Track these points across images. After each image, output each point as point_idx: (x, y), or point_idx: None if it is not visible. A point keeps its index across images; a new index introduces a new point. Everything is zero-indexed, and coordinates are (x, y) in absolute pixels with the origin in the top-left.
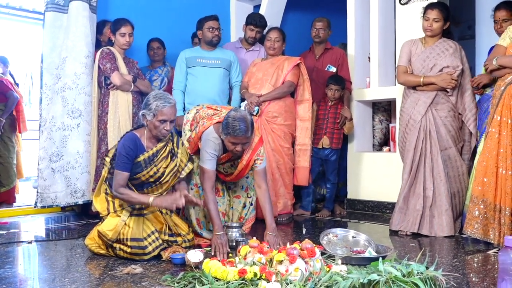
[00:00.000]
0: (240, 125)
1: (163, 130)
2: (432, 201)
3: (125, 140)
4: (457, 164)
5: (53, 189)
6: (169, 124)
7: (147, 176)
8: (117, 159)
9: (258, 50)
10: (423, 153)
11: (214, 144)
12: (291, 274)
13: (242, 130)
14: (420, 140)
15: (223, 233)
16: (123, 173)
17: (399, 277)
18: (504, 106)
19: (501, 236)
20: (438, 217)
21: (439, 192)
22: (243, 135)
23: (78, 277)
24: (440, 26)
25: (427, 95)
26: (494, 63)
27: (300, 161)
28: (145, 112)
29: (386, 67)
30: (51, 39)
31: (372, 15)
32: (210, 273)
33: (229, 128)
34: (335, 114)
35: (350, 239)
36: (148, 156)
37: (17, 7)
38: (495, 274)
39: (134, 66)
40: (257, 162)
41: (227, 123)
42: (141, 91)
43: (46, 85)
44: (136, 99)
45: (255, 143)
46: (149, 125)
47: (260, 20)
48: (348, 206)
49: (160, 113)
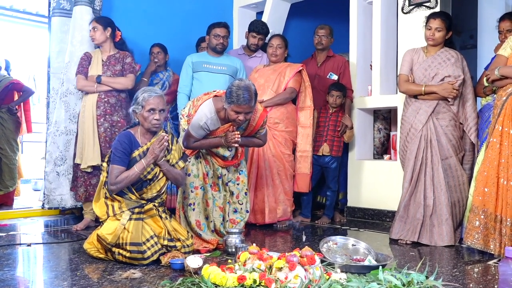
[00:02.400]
0: (244, 93)
1: (153, 120)
2: (432, 210)
3: (120, 137)
4: (457, 174)
5: (59, 192)
6: (158, 113)
7: (145, 173)
8: (113, 155)
9: (260, 56)
10: (423, 162)
11: (207, 117)
12: (291, 281)
13: (246, 99)
14: (421, 149)
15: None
16: (120, 167)
17: (399, 286)
18: (506, 116)
19: (502, 247)
20: (438, 227)
21: (440, 201)
22: (246, 104)
23: (77, 280)
24: (442, 36)
25: (428, 104)
26: (496, 73)
27: (301, 168)
28: (134, 107)
29: (387, 75)
30: (58, 43)
31: (374, 23)
32: (209, 279)
33: (233, 97)
34: (335, 121)
35: (349, 247)
36: (143, 151)
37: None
38: (495, 285)
39: (120, 62)
40: (261, 131)
41: (231, 92)
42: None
43: (54, 89)
44: (104, 100)
45: (260, 112)
46: (140, 119)
47: (262, 27)
48: (348, 214)
49: (147, 103)
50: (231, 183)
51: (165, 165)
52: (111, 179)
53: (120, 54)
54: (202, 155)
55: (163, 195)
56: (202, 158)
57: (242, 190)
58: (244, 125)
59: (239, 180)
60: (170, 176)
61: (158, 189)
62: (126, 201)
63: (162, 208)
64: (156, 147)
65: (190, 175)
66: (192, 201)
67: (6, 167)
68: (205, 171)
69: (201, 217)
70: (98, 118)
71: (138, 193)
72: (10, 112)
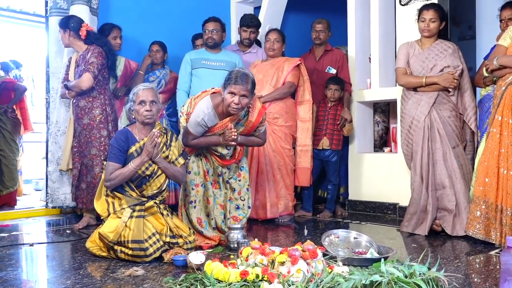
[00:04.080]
0: (241, 75)
1: (145, 112)
2: (448, 199)
3: (117, 134)
4: (465, 163)
5: (62, 191)
6: (149, 105)
7: (143, 169)
8: (109, 152)
9: (255, 52)
10: (430, 151)
11: (204, 113)
12: (293, 276)
13: (243, 80)
14: (426, 138)
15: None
16: (115, 164)
17: (401, 278)
18: (505, 106)
19: (503, 237)
20: (458, 216)
21: (457, 190)
22: (242, 85)
23: (80, 279)
24: (437, 26)
25: (429, 95)
26: (495, 63)
27: (301, 162)
28: (128, 104)
29: (386, 68)
30: (56, 43)
31: (372, 16)
32: (212, 275)
33: (230, 79)
34: (334, 115)
35: (351, 240)
36: (140, 147)
37: (17, 10)
38: (497, 274)
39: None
40: (260, 128)
41: (229, 75)
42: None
43: (53, 89)
44: (75, 104)
45: (258, 108)
46: (135, 115)
47: (251, 20)
48: (350, 207)
49: (137, 96)
50: (233, 180)
51: (162, 162)
52: (106, 176)
53: (86, 51)
54: (203, 152)
55: (164, 193)
56: (203, 155)
57: (243, 186)
58: (243, 121)
59: (240, 176)
60: (168, 173)
61: (158, 186)
62: (126, 198)
63: (163, 205)
64: (148, 144)
65: (191, 173)
66: (193, 199)
67: (6, 168)
68: (205, 168)
69: (202, 214)
70: (74, 123)
71: (138, 190)
72: (7, 114)
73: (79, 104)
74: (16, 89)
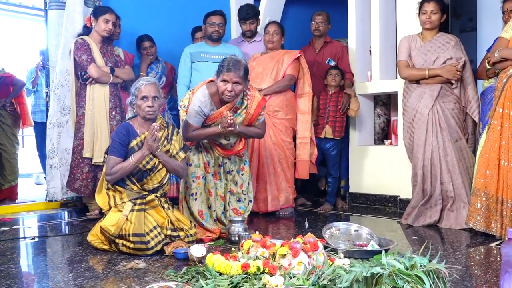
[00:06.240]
0: (233, 63)
1: (147, 108)
2: (452, 195)
3: (118, 128)
4: (468, 156)
5: (52, 185)
6: (152, 100)
7: (144, 163)
8: (110, 146)
9: (260, 40)
10: (435, 145)
11: (200, 101)
12: (294, 268)
13: (235, 67)
14: (430, 133)
15: None
16: (116, 158)
17: (402, 270)
18: (506, 98)
19: (504, 228)
20: (457, 211)
21: (457, 185)
22: (235, 72)
23: (81, 272)
24: (438, 18)
25: (432, 88)
26: (496, 55)
27: (301, 155)
28: (130, 98)
29: (387, 60)
30: (56, 37)
31: (373, 8)
32: (214, 268)
33: (223, 67)
34: (336, 102)
35: (352, 233)
36: (141, 140)
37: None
38: (498, 266)
39: (113, 54)
40: (259, 117)
41: (221, 62)
42: (124, 81)
43: (53, 83)
44: (113, 93)
45: (258, 100)
46: (136, 109)
47: (247, 11)
48: (350, 200)
49: (140, 92)
50: (236, 173)
51: (163, 156)
52: (107, 170)
53: (106, 45)
54: (203, 144)
55: (165, 186)
56: (203, 147)
57: (246, 181)
58: (241, 110)
59: (243, 170)
60: (169, 167)
61: (159, 180)
62: (127, 191)
63: (164, 199)
64: (148, 138)
65: (192, 165)
66: (194, 191)
67: (7, 162)
68: (206, 160)
69: (204, 207)
70: (111, 111)
71: (139, 184)
72: (6, 108)
73: (117, 93)
74: (15, 84)
